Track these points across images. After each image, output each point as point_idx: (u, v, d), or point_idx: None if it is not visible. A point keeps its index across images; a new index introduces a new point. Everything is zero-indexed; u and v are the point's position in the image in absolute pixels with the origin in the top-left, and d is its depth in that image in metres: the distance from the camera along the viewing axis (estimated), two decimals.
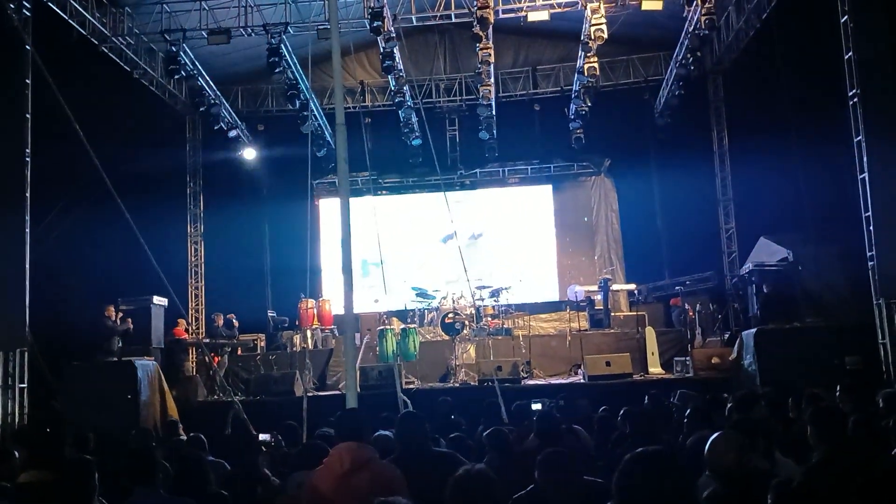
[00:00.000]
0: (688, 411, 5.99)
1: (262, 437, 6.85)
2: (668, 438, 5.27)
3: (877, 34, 10.84)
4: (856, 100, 11.06)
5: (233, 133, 17.10)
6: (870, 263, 11.03)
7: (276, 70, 14.81)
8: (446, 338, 14.61)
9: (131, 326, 12.64)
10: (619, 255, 19.13)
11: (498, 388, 8.93)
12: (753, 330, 11.47)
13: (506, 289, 15.95)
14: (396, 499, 2.13)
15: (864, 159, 10.90)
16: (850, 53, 11.12)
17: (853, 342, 11.30)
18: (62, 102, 6.48)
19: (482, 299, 15.39)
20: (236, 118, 17.43)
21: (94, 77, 13.68)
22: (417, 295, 16.36)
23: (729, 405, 6.74)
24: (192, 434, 7.33)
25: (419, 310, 16.21)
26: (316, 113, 16.85)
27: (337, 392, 13.07)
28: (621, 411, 5.73)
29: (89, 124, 7.51)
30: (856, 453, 3.64)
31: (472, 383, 12.90)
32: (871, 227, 10.89)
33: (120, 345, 12.24)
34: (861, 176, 11.05)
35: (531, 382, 13.12)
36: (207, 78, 15.81)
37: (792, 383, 8.62)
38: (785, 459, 4.52)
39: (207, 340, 14.88)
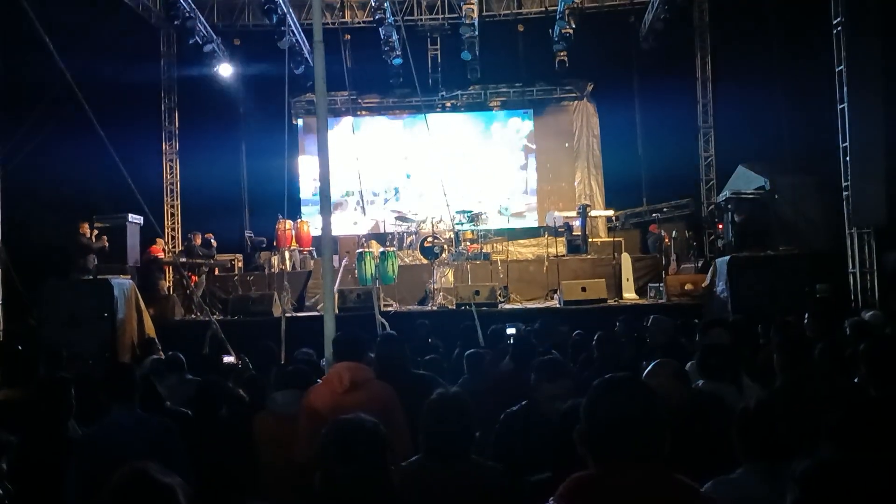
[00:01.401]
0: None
1: (226, 359, 6.89)
2: (634, 362, 5.37)
3: None
4: (839, 29, 10.98)
5: (208, 47, 16.66)
6: (844, 193, 11.16)
7: None
8: (425, 262, 14.67)
9: (107, 244, 12.53)
10: (599, 181, 19.14)
11: (475, 312, 9.03)
12: (727, 257, 11.61)
13: (483, 214, 15.95)
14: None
15: (845, 90, 10.90)
16: None
17: (824, 271, 11.51)
18: (31, 15, 6.25)
19: (461, 223, 15.40)
20: (212, 32, 16.94)
21: None
22: (397, 218, 16.34)
23: (697, 331, 6.90)
24: (169, 353, 7.36)
25: (398, 233, 16.23)
26: (294, 28, 16.40)
27: (315, 313, 13.15)
28: (595, 336, 5.81)
29: (60, 38, 7.29)
30: (819, 380, 3.74)
31: (450, 307, 13.01)
32: (848, 158, 10.98)
33: (95, 263, 12.15)
34: (840, 106, 11.06)
35: (508, 307, 13.26)
36: None
37: (763, 310, 8.82)
38: (752, 384, 4.65)
39: (185, 260, 14.81)
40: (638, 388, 2.03)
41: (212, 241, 15.69)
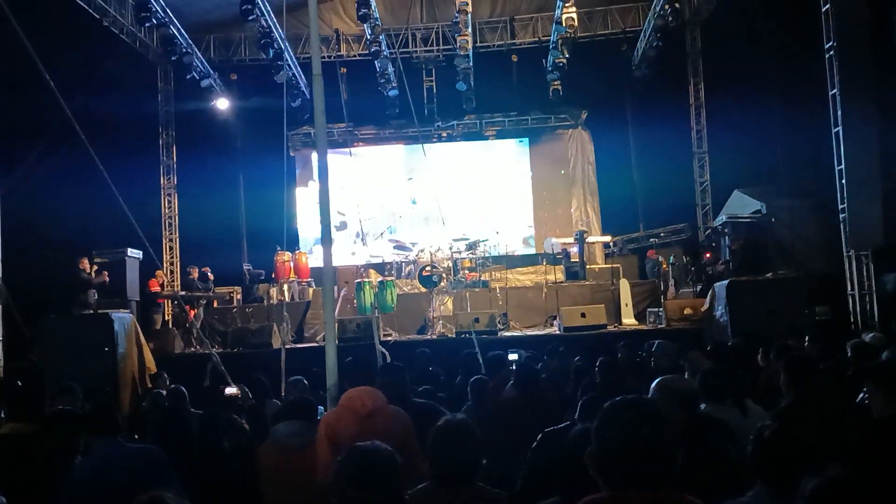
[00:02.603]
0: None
1: (228, 390, 6.90)
2: (636, 388, 5.38)
3: None
4: (832, 53, 11.11)
5: (205, 82, 16.81)
6: (841, 216, 11.20)
7: (250, 18, 14.53)
8: (424, 290, 14.68)
9: (107, 279, 12.54)
10: (596, 208, 19.25)
11: (475, 340, 9.02)
12: (725, 281, 11.63)
13: (483, 241, 15.99)
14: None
15: (839, 113, 11.00)
16: (828, 6, 11.14)
17: (823, 293, 11.53)
18: (31, 52, 6.31)
19: (459, 252, 15.44)
20: (209, 67, 17.12)
21: (63, 26, 13.32)
22: (395, 248, 16.39)
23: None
24: (172, 385, 7.34)
25: (396, 262, 16.24)
26: (290, 62, 16.59)
27: (314, 344, 13.13)
28: (598, 362, 5.81)
29: (59, 74, 7.34)
30: (825, 399, 3.76)
31: (450, 335, 13.00)
32: (844, 181, 11.05)
33: (96, 297, 12.15)
34: (835, 130, 11.15)
35: (508, 334, 13.25)
36: (179, 26, 15.45)
37: (762, 333, 8.81)
38: (755, 406, 4.65)
39: (183, 293, 14.81)
40: (648, 409, 2.04)
41: (209, 274, 15.70)
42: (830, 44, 11.13)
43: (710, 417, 3.88)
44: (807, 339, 7.90)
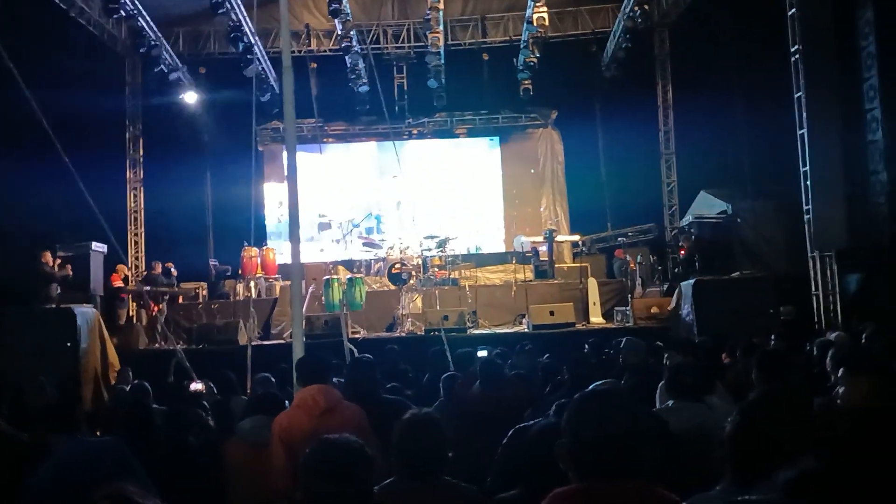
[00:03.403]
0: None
1: (193, 386, 6.83)
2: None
3: None
4: (797, 56, 11.27)
5: (174, 76, 16.58)
6: (806, 217, 11.38)
7: (220, 11, 14.37)
8: (393, 288, 14.64)
9: (70, 273, 12.32)
10: (564, 207, 19.34)
11: (444, 337, 9.02)
12: (692, 280, 11.76)
13: (452, 238, 15.99)
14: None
15: (804, 115, 11.17)
16: (793, 10, 11.30)
17: (788, 293, 11.70)
18: None
19: (429, 249, 15.42)
20: (178, 61, 16.87)
21: (28, 16, 13.07)
22: (364, 245, 16.31)
23: (665, 355, 6.98)
24: (136, 381, 7.24)
25: (366, 260, 16.17)
26: (260, 56, 16.42)
27: (281, 341, 13.01)
28: (568, 359, 5.84)
29: (24, 66, 7.20)
30: (794, 394, 3.80)
31: (419, 333, 12.98)
32: (809, 182, 11.22)
33: (58, 292, 11.93)
34: (800, 132, 11.33)
35: (477, 332, 13.26)
36: (147, 18, 15.21)
37: (728, 332, 8.92)
38: (721, 403, 4.70)
39: (148, 288, 14.60)
40: (620, 400, 2.04)
41: (172, 270, 15.48)
42: (796, 47, 11.29)
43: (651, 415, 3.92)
44: (772, 337, 8.03)
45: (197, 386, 6.75)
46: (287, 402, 5.21)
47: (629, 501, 1.84)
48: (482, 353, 7.39)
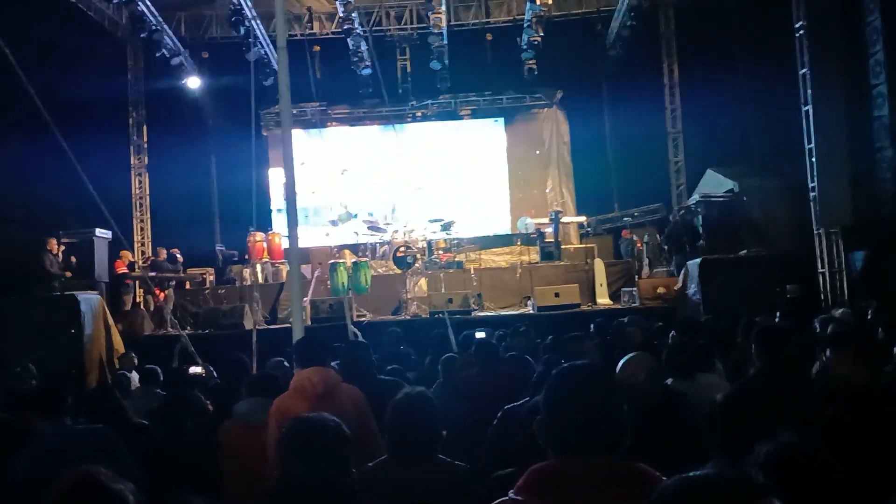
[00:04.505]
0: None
1: (192, 370, 6.83)
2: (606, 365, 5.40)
3: None
4: (802, 32, 11.13)
5: (176, 60, 16.51)
6: (811, 194, 11.29)
7: None
8: (398, 271, 14.61)
9: (74, 260, 12.35)
10: (570, 188, 19.23)
11: (448, 319, 9.00)
12: (698, 260, 11.69)
13: (452, 223, 15.91)
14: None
15: (809, 92, 11.05)
16: None
17: (794, 271, 11.63)
18: None
19: (434, 232, 15.38)
20: (179, 45, 16.80)
21: (29, 2, 13.02)
22: (369, 228, 16.26)
23: (671, 332, 6.95)
24: (146, 366, 7.25)
25: (371, 243, 16.14)
26: (262, 40, 16.33)
27: (287, 325, 12.98)
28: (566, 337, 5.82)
29: (24, 51, 7.19)
30: (790, 370, 3.77)
31: (424, 316, 12.97)
32: (814, 159, 11.12)
33: (63, 279, 11.95)
34: (805, 108, 11.21)
35: (482, 314, 13.24)
36: (148, 2, 15.14)
37: (734, 311, 8.87)
38: (720, 382, 4.68)
39: (153, 274, 14.62)
40: (598, 376, 2.00)
41: (177, 255, 15.48)
42: (801, 23, 11.15)
43: (676, 391, 3.90)
44: (777, 315, 7.97)
45: (196, 369, 6.75)
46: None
47: (606, 477, 1.80)
48: (480, 335, 7.37)
